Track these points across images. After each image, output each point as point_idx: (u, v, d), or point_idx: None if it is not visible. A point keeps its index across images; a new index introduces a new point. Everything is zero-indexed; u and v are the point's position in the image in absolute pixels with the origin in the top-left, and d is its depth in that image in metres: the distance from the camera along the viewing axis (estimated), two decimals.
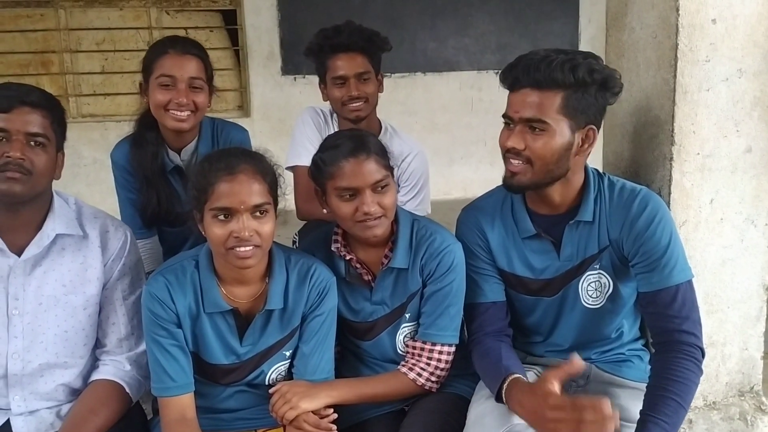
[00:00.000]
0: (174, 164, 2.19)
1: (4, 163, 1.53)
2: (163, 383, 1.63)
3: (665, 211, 1.67)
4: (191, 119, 2.08)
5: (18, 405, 1.66)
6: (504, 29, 6.14)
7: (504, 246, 1.78)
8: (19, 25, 5.41)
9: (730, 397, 2.09)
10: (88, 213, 1.75)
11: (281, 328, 1.70)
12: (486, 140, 5.99)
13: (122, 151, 2.21)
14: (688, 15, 1.81)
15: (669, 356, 1.57)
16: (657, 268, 1.62)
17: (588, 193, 1.69)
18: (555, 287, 1.75)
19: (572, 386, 1.80)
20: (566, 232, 1.71)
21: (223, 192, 1.52)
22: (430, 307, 1.77)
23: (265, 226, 1.56)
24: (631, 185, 1.71)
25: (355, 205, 1.66)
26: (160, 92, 2.04)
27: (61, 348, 1.68)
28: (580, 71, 1.54)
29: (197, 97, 2.07)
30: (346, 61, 2.27)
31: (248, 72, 5.67)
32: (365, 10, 5.58)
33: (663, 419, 1.49)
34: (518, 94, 1.59)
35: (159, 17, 5.54)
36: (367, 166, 1.65)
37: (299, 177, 2.37)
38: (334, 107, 2.37)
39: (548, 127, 1.56)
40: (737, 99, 1.89)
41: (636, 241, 1.64)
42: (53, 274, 1.67)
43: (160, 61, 2.05)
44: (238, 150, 1.63)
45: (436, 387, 1.79)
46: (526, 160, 1.60)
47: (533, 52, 1.61)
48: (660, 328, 1.62)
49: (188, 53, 2.06)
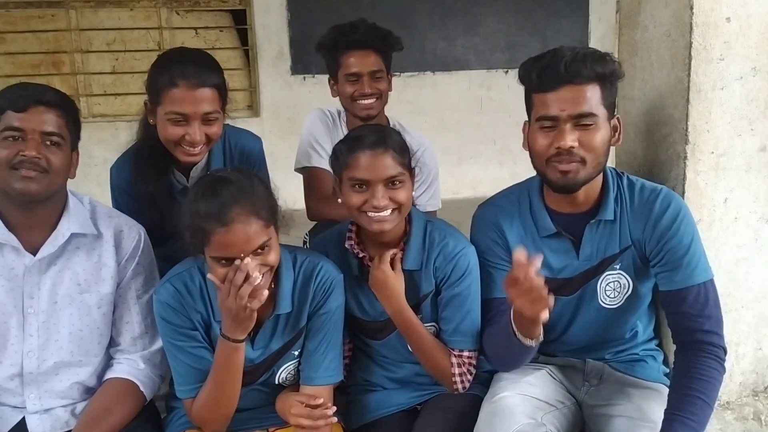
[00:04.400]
0: (182, 185, 2.03)
1: (19, 162, 1.54)
2: (189, 384, 1.63)
3: (687, 209, 1.66)
4: (204, 151, 1.92)
5: (33, 403, 1.67)
6: (513, 28, 6.11)
7: (522, 244, 1.76)
8: (31, 25, 5.43)
9: (744, 397, 2.08)
10: (102, 212, 1.75)
11: (290, 329, 1.70)
12: (495, 139, 5.97)
13: (122, 172, 2.03)
14: (702, 13, 1.80)
15: (693, 355, 1.57)
16: (680, 266, 1.61)
17: (608, 192, 1.68)
18: (573, 287, 1.74)
19: (585, 386, 1.80)
20: (587, 231, 1.70)
21: (220, 243, 1.47)
22: (450, 313, 1.76)
23: (269, 258, 1.54)
24: (651, 185, 1.70)
25: (365, 197, 1.65)
26: (171, 127, 1.85)
27: (76, 346, 1.69)
28: (611, 65, 1.57)
29: (211, 128, 1.88)
30: (361, 59, 2.27)
31: (258, 72, 5.67)
32: (374, 9, 5.57)
33: (690, 417, 1.49)
34: (561, 92, 1.55)
35: (169, 17, 5.56)
36: (383, 161, 1.64)
37: (310, 178, 2.38)
38: (345, 103, 2.37)
39: (597, 120, 1.56)
40: (751, 98, 1.88)
41: (660, 241, 1.63)
42: (68, 273, 1.68)
43: (169, 95, 1.82)
44: (228, 187, 1.49)
45: (462, 390, 1.79)
46: (580, 158, 1.57)
47: (556, 50, 1.59)
48: (683, 327, 1.61)
49: (202, 86, 1.83)
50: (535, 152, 1.63)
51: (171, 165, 1.99)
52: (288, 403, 1.65)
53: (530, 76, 1.60)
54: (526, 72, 1.62)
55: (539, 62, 1.59)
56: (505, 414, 1.61)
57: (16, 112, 1.55)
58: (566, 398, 1.78)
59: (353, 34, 2.27)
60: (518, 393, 1.69)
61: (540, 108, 1.59)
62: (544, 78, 1.57)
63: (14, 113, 1.55)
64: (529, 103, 1.65)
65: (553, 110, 1.56)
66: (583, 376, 1.80)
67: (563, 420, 1.72)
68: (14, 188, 1.55)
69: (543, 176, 1.66)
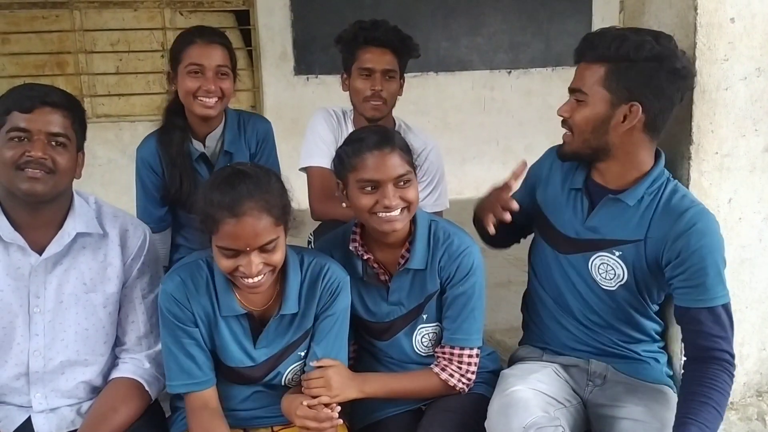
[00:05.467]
0: (199, 152, 2.25)
1: (25, 162, 1.55)
2: (181, 380, 1.64)
3: (715, 231, 1.64)
4: (218, 105, 2.17)
5: (39, 402, 1.67)
6: (517, 28, 6.11)
7: (555, 199, 1.85)
8: (35, 26, 5.44)
9: (748, 397, 2.07)
10: (107, 212, 1.76)
11: (295, 329, 1.70)
12: (498, 140, 5.98)
13: (148, 145, 2.26)
14: (707, 14, 1.79)
15: (705, 366, 1.59)
16: (703, 285, 1.60)
17: (644, 182, 1.69)
18: (574, 249, 1.78)
19: (590, 385, 1.80)
20: (601, 203, 1.73)
21: (228, 234, 1.49)
22: (453, 311, 1.77)
23: (274, 257, 1.55)
24: (692, 199, 1.69)
25: (375, 198, 1.65)
26: (189, 80, 2.14)
27: (82, 345, 1.70)
28: (626, 46, 1.59)
29: (224, 83, 2.16)
30: (377, 55, 2.29)
31: (261, 72, 5.68)
32: (377, 9, 5.56)
33: (704, 423, 1.51)
34: (576, 68, 1.70)
35: (173, 18, 5.56)
36: (391, 160, 1.64)
37: (314, 177, 2.38)
38: (354, 99, 2.38)
39: (586, 97, 1.64)
40: (756, 98, 1.87)
41: (681, 254, 1.62)
42: (74, 273, 1.68)
43: (188, 51, 2.14)
44: (245, 181, 1.52)
45: (467, 389, 1.79)
46: (569, 129, 1.71)
47: (603, 29, 1.71)
48: (697, 345, 1.62)
49: (214, 42, 2.17)
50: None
51: (189, 133, 2.24)
52: (294, 404, 1.65)
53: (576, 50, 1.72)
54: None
55: (582, 38, 1.70)
56: (519, 406, 1.61)
57: (22, 113, 1.56)
58: (572, 397, 1.79)
59: (374, 31, 2.30)
60: (529, 387, 1.70)
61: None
62: (575, 54, 1.71)
63: (20, 114, 1.56)
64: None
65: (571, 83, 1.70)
66: (588, 376, 1.81)
67: (570, 418, 1.72)
68: (20, 189, 1.56)
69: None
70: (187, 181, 2.21)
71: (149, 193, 2.26)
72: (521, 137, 5.86)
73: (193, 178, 2.22)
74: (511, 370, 1.84)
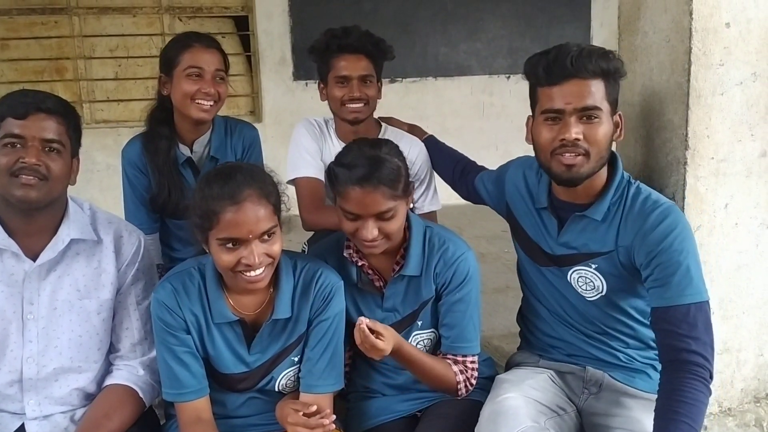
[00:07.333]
0: (186, 156, 2.27)
1: (19, 169, 1.54)
2: (175, 389, 1.63)
3: (685, 227, 1.63)
4: (213, 110, 2.21)
5: (33, 409, 1.66)
6: (515, 34, 6.13)
7: (526, 215, 1.85)
8: (34, 32, 5.46)
9: (746, 403, 2.07)
10: (102, 218, 1.76)
11: (288, 335, 1.69)
12: (497, 145, 5.97)
13: (134, 147, 2.28)
14: (702, 19, 1.80)
15: (677, 376, 1.52)
16: (670, 283, 1.57)
17: (607, 194, 1.69)
18: (552, 263, 1.78)
19: (585, 393, 1.79)
20: (570, 220, 1.73)
21: (229, 222, 1.49)
22: (452, 319, 1.77)
23: (274, 247, 1.56)
24: (657, 197, 1.68)
25: (356, 226, 1.66)
26: (188, 83, 2.16)
27: (76, 352, 1.69)
28: (612, 60, 1.60)
29: (220, 87, 2.20)
30: (352, 62, 2.27)
31: (260, 77, 5.69)
32: (377, 15, 5.59)
33: None
34: (566, 86, 1.59)
35: (172, 24, 5.58)
36: (373, 197, 1.62)
37: (302, 188, 2.36)
38: (333, 107, 2.37)
39: (601, 114, 1.60)
40: (751, 103, 1.87)
41: (649, 254, 1.60)
42: (68, 279, 1.68)
43: (187, 54, 2.17)
44: (240, 172, 1.55)
45: (465, 393, 1.79)
46: (584, 150, 1.60)
47: (561, 46, 1.63)
48: (669, 346, 1.56)
49: (212, 46, 2.22)
50: (539, 145, 1.67)
51: (175, 137, 2.26)
52: (286, 411, 1.64)
53: (536, 70, 1.63)
54: (532, 67, 1.65)
55: (545, 57, 1.62)
56: (509, 414, 1.60)
57: (17, 119, 1.56)
58: (567, 405, 1.78)
59: (347, 38, 2.28)
60: (522, 395, 1.69)
61: (545, 101, 1.62)
62: (550, 72, 1.60)
63: (14, 120, 1.56)
64: (534, 98, 1.68)
65: (558, 104, 1.60)
66: (584, 383, 1.80)
67: (564, 427, 1.71)
68: (14, 195, 1.55)
69: (547, 170, 1.68)
70: (175, 190, 2.24)
71: (138, 193, 2.28)
72: (520, 142, 5.72)
73: (180, 185, 2.25)
74: (506, 375, 1.84)
